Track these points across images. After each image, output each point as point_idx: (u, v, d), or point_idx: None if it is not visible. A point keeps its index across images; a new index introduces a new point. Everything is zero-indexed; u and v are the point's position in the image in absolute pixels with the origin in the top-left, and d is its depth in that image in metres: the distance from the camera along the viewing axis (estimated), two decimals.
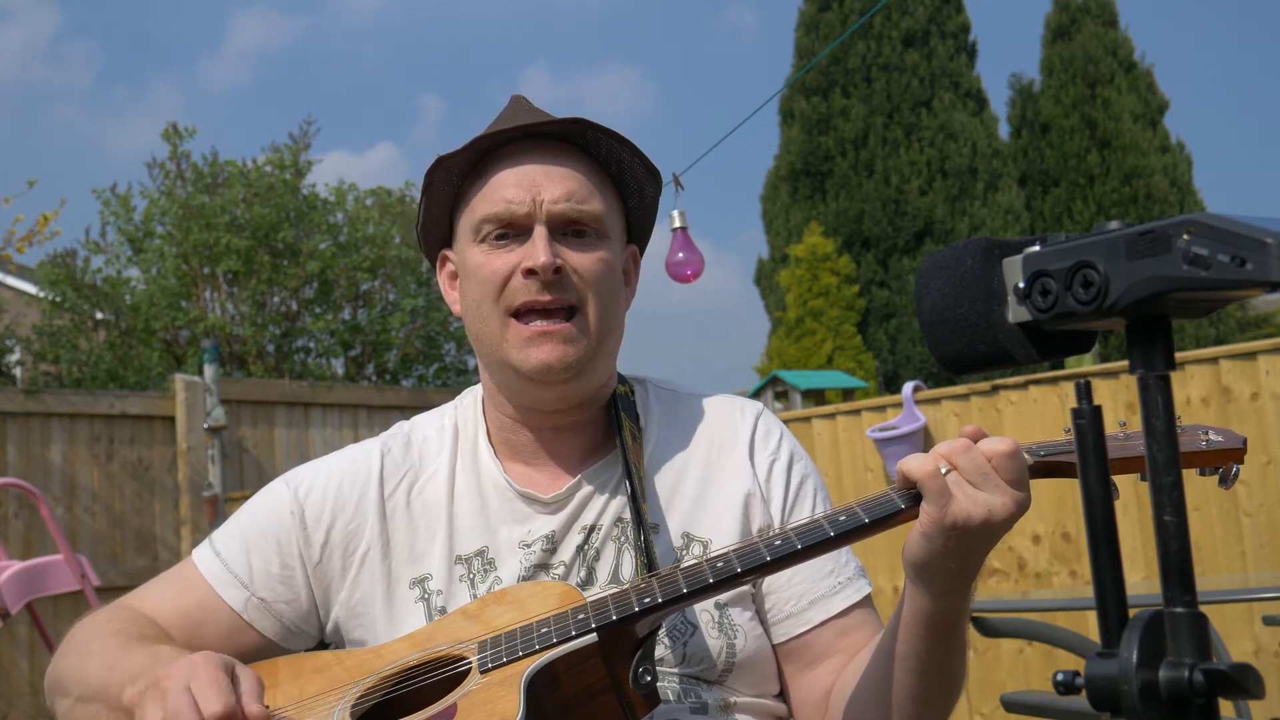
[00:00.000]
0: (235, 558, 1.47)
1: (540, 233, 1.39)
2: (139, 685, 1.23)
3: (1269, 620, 3.30)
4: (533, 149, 1.43)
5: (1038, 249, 0.83)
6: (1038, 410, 5.02)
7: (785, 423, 2.31)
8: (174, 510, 6.98)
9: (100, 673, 1.33)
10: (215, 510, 6.88)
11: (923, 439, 5.28)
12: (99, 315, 10.40)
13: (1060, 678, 0.80)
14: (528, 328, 1.38)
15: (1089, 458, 0.81)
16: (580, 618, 1.22)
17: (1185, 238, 0.74)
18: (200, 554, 1.50)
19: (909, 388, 5.36)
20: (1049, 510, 4.94)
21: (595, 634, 1.20)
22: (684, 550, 1.42)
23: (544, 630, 1.23)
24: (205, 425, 7.04)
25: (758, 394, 9.15)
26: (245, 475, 7.32)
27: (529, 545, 1.43)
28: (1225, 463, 1.22)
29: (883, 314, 14.26)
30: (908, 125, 14.65)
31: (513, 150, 1.44)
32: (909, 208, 14.32)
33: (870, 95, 14.76)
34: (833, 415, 5.71)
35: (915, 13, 15.01)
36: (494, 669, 1.22)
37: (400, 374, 11.49)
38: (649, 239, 1.59)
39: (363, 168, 35.29)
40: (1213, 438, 1.22)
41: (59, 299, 10.10)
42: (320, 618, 1.49)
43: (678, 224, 3.18)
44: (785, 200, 15.04)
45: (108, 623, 1.43)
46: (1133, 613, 0.77)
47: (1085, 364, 5.90)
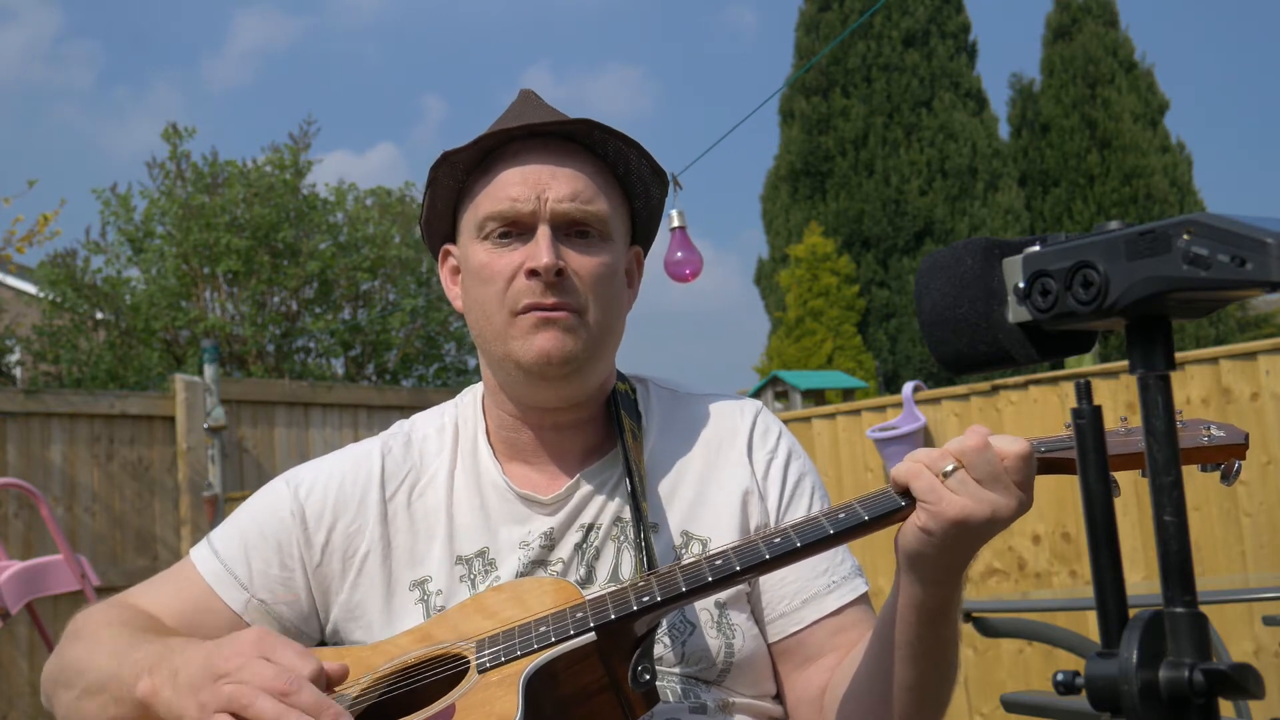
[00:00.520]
0: (235, 558, 1.47)
1: (544, 233, 1.38)
2: (158, 679, 1.22)
3: (1269, 620, 3.30)
4: (539, 148, 1.42)
5: (1038, 249, 0.83)
6: (1038, 410, 5.02)
7: (785, 423, 2.31)
8: (174, 510, 6.98)
9: (108, 663, 1.32)
10: (215, 510, 6.88)
11: (923, 439, 5.28)
12: (99, 315, 10.40)
13: (1060, 678, 0.80)
14: (530, 316, 1.38)
15: (1089, 458, 0.81)
16: (579, 616, 1.22)
17: (1185, 238, 0.74)
18: (199, 554, 1.49)
19: (909, 388, 5.35)
20: (1049, 510, 4.94)
21: (594, 633, 1.20)
22: (683, 549, 1.42)
23: (542, 629, 1.23)
24: (205, 425, 7.04)
25: (758, 394, 9.15)
26: (245, 475, 7.31)
27: (528, 544, 1.43)
28: (1227, 458, 1.22)
29: (883, 314, 14.26)
30: (908, 125, 14.65)
31: (519, 148, 1.43)
32: (909, 208, 14.32)
33: (870, 95, 14.76)
34: (833, 415, 5.71)
35: (915, 13, 15.01)
36: (492, 668, 1.21)
37: (400, 374, 11.49)
38: (653, 240, 1.59)
39: (364, 168, 35.33)
40: (1215, 433, 1.22)
41: (59, 299, 10.10)
42: (320, 619, 1.48)
43: (676, 223, 3.18)
44: (785, 200, 15.04)
45: (113, 615, 1.42)
46: (1133, 613, 0.77)
47: (1085, 364, 5.90)
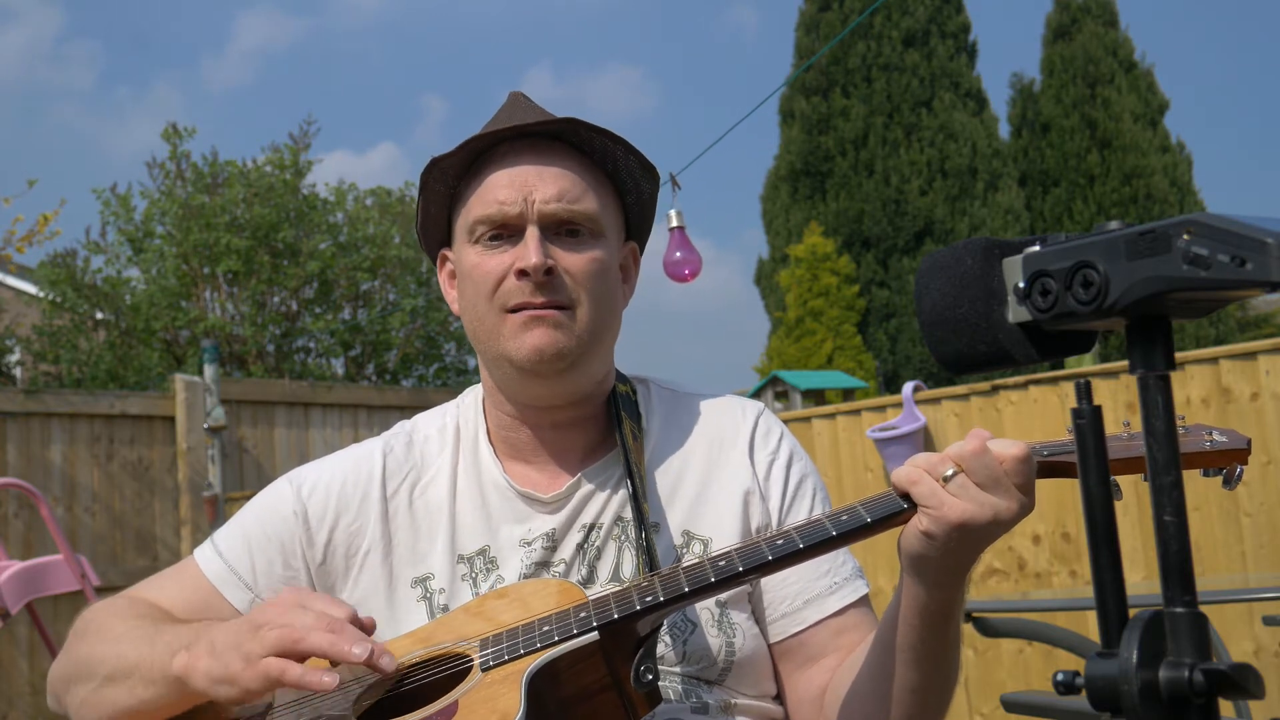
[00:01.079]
0: (238, 558, 1.47)
1: (532, 233, 1.39)
2: (197, 650, 1.24)
3: (1269, 620, 3.30)
4: (526, 149, 1.43)
5: (1038, 249, 0.83)
6: (1038, 410, 5.02)
7: (785, 423, 2.32)
8: (174, 510, 6.98)
9: (135, 648, 1.32)
10: (215, 510, 6.88)
11: (923, 439, 5.28)
12: (99, 315, 10.40)
13: (1060, 678, 0.80)
14: (521, 314, 1.39)
15: (1089, 458, 0.81)
16: (582, 616, 1.22)
17: (1185, 238, 0.74)
18: (203, 554, 1.50)
19: (909, 388, 5.35)
20: (1049, 510, 4.93)
21: (596, 632, 1.20)
22: (684, 549, 1.43)
23: (545, 628, 1.23)
24: (205, 425, 7.04)
25: (758, 394, 9.15)
26: (245, 475, 7.31)
27: (530, 544, 1.43)
28: (1229, 463, 1.22)
29: (883, 314, 14.26)
30: (908, 125, 14.64)
31: (506, 150, 1.44)
32: (909, 208, 14.32)
33: (870, 95, 14.75)
34: (833, 415, 5.71)
35: (915, 13, 15.00)
36: (495, 667, 1.22)
37: (400, 374, 11.49)
38: (649, 235, 1.59)
39: (365, 167, 35.31)
40: (1217, 438, 1.22)
41: (59, 299, 10.09)
42: None
43: (675, 223, 3.18)
44: (785, 200, 15.04)
45: (123, 608, 1.43)
46: (1133, 613, 0.77)
47: (1085, 364, 5.90)
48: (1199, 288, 0.74)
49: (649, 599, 1.21)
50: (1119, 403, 4.76)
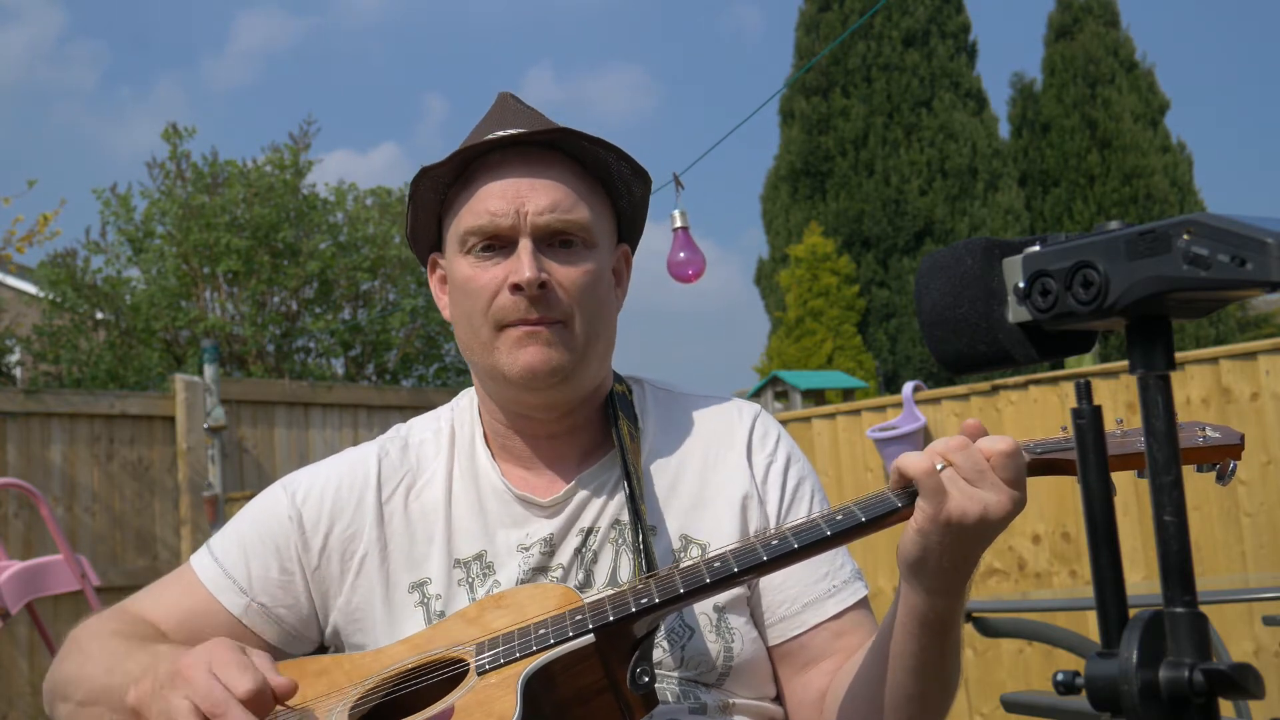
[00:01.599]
0: (234, 563, 1.47)
1: (525, 246, 1.38)
2: (144, 685, 1.23)
3: (1269, 620, 3.30)
4: (517, 158, 1.42)
5: (1038, 249, 0.83)
6: (1038, 410, 5.02)
7: (785, 423, 2.31)
8: (174, 510, 6.98)
9: (101, 675, 1.33)
10: (215, 510, 6.88)
11: (923, 439, 5.27)
12: (99, 315, 10.40)
13: (1060, 678, 0.80)
14: (515, 330, 1.38)
15: (1089, 458, 0.81)
16: (577, 619, 1.22)
17: (1185, 238, 0.74)
18: (199, 560, 1.50)
19: (909, 388, 5.35)
20: (1049, 510, 4.94)
21: (592, 635, 1.20)
22: (682, 552, 1.42)
23: (541, 631, 1.23)
24: (205, 425, 7.04)
25: (758, 394, 9.15)
26: (245, 475, 7.31)
27: (527, 549, 1.43)
28: (1223, 459, 1.22)
29: (883, 314, 14.26)
30: (908, 125, 14.65)
31: (498, 159, 1.42)
32: (909, 208, 14.32)
33: (870, 95, 14.76)
34: (833, 415, 5.71)
35: (915, 13, 15.01)
36: (491, 670, 1.21)
37: (400, 374, 11.49)
38: (640, 236, 1.59)
39: (367, 167, 35.28)
40: (1210, 434, 1.22)
41: (59, 299, 10.10)
42: (320, 622, 1.49)
43: (679, 224, 3.17)
44: (785, 200, 15.04)
45: (109, 626, 1.43)
46: (1133, 613, 0.77)
47: (1085, 364, 5.90)
48: (1199, 288, 0.74)
49: (644, 601, 1.20)
50: (1119, 403, 4.76)
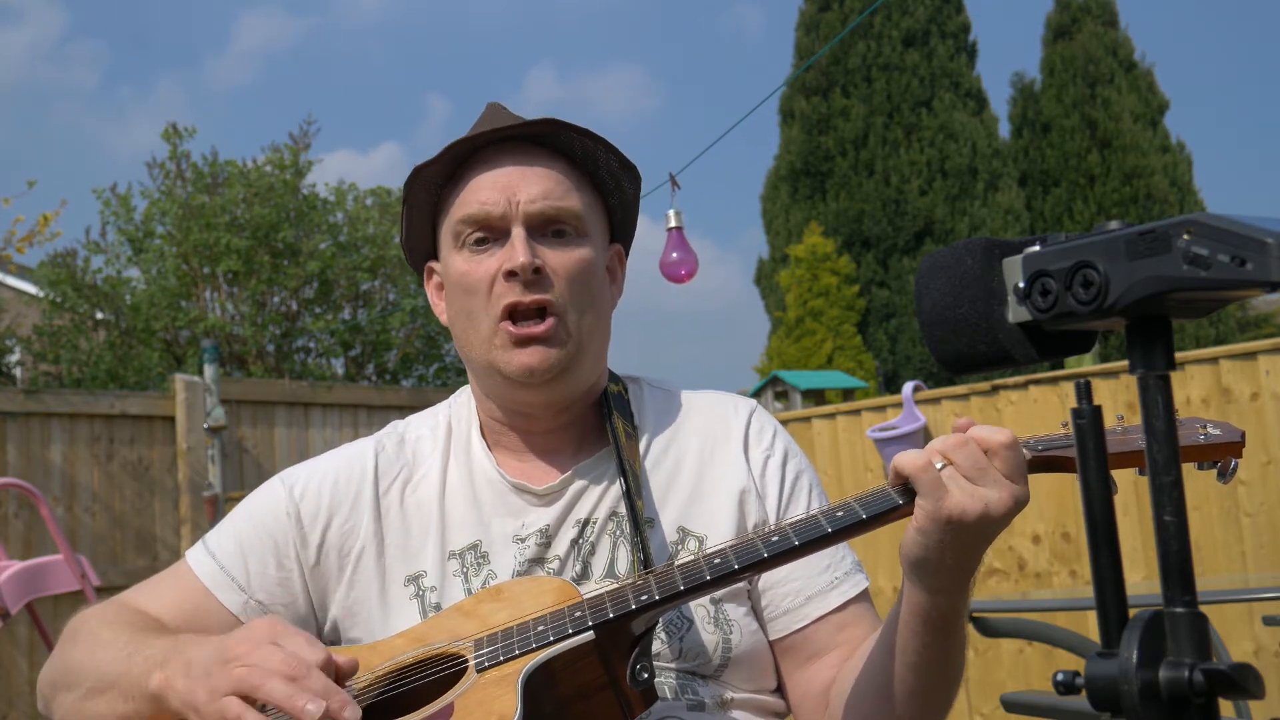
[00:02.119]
0: (231, 560, 1.47)
1: (518, 234, 1.39)
2: (172, 668, 1.22)
3: (1269, 620, 3.30)
4: (508, 153, 1.44)
5: (1038, 249, 0.83)
6: (1038, 410, 5.02)
7: (785, 423, 2.31)
8: (174, 510, 6.97)
9: (116, 661, 1.31)
10: (215, 510, 6.88)
11: (923, 439, 5.27)
12: (99, 315, 10.40)
13: (1060, 678, 0.80)
14: (515, 329, 1.39)
15: (1089, 458, 0.81)
16: (577, 615, 1.22)
17: (1185, 238, 0.74)
18: (195, 556, 1.49)
19: (909, 388, 5.36)
20: (1049, 510, 4.94)
21: (592, 632, 1.20)
22: (679, 545, 1.43)
23: (540, 628, 1.23)
24: (205, 425, 7.04)
25: (758, 394, 9.14)
26: (245, 475, 7.31)
27: (523, 539, 1.43)
28: (1224, 456, 1.21)
29: (883, 314, 14.26)
30: (908, 125, 14.64)
31: (488, 155, 1.44)
32: (909, 208, 14.32)
33: (870, 95, 14.75)
34: (833, 415, 5.71)
35: (915, 13, 15.00)
36: (490, 668, 1.21)
37: (400, 374, 11.49)
38: (633, 237, 1.59)
39: (368, 167, 35.27)
40: (1211, 431, 1.22)
41: (59, 299, 10.10)
42: (318, 619, 1.48)
43: (673, 223, 3.17)
44: (785, 200, 15.04)
45: (113, 615, 1.42)
46: (1133, 613, 0.77)
47: (1085, 364, 5.90)
48: (1199, 288, 0.74)
49: (644, 597, 1.20)
50: (1119, 403, 4.76)
